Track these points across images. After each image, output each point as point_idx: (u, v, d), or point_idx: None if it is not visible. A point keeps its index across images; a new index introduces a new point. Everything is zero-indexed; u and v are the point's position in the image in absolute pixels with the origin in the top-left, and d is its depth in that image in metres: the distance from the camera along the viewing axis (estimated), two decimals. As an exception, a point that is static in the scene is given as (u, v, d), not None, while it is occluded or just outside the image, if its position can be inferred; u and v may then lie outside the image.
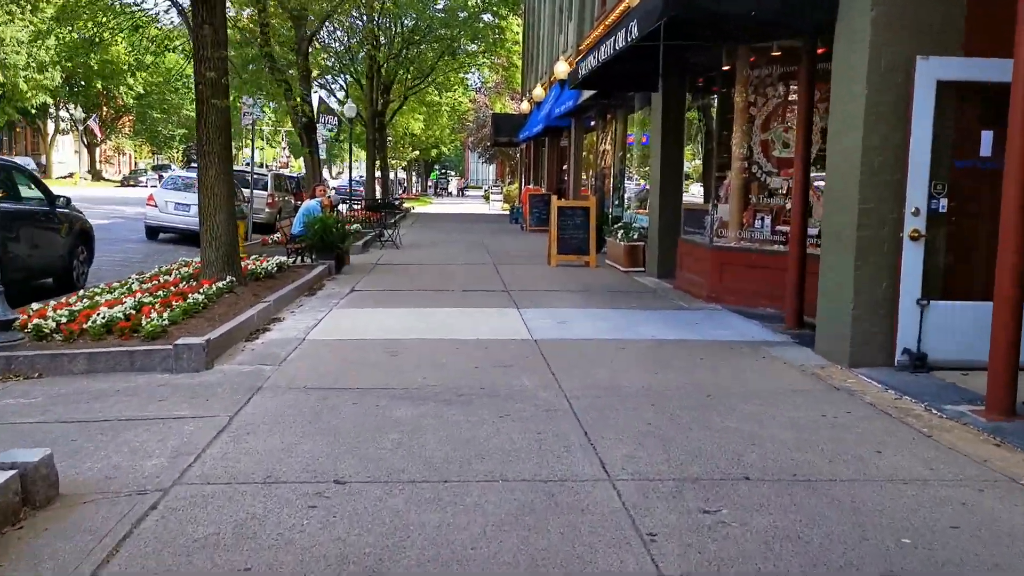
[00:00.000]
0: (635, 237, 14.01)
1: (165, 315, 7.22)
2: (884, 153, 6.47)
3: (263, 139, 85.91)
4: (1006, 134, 5.48)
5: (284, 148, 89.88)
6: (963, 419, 5.31)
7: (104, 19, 12.82)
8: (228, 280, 9.31)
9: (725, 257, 10.11)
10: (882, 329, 6.60)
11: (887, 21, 6.34)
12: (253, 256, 12.78)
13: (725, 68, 10.48)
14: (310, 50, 32.11)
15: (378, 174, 37.16)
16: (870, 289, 6.59)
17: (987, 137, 6.39)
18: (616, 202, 17.54)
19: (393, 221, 19.85)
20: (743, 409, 5.51)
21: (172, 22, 21.36)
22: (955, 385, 6.15)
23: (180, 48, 19.43)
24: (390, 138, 48.16)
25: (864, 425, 5.22)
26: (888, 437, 4.98)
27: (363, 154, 37.46)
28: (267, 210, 22.89)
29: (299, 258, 13.49)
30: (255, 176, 25.23)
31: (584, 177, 22.28)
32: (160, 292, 8.46)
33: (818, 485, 4.17)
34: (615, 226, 15.12)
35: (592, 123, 21.08)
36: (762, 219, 10.01)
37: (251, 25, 18.63)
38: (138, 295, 8.17)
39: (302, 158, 40.28)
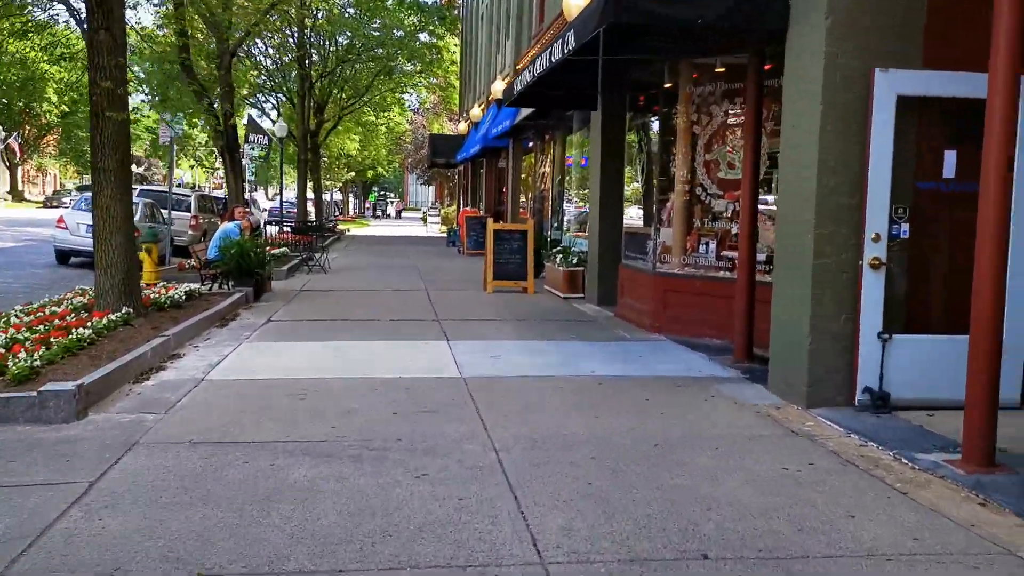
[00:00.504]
0: (574, 262, 13.41)
1: (38, 355, 6.29)
2: (841, 174, 5.94)
3: (195, 159, 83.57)
4: (969, 153, 4.99)
5: (218, 168, 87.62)
6: (939, 471, 4.74)
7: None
8: (124, 311, 8.37)
9: (669, 284, 9.53)
10: (841, 366, 6.04)
11: (843, 30, 5.83)
12: (163, 283, 11.82)
13: (667, 86, 9.96)
14: (241, 66, 31.18)
15: (312, 195, 36.14)
16: (828, 322, 6.03)
17: (950, 157, 5.91)
18: (555, 225, 16.96)
19: (322, 244, 18.92)
20: (695, 462, 4.85)
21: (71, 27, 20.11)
22: (923, 428, 5.60)
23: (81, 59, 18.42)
24: (325, 158, 47.07)
25: (832, 481, 4.60)
26: (860, 496, 4.37)
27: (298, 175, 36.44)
28: (190, 232, 21.72)
29: (215, 285, 12.55)
30: (177, 196, 24.15)
31: (523, 199, 21.71)
32: (42, 326, 7.49)
33: (789, 564, 3.51)
34: (554, 250, 14.52)
35: (530, 144, 20.54)
36: (707, 244, 9.48)
37: (171, 37, 17.64)
38: (13, 330, 7.19)
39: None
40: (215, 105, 16.62)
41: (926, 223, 6.01)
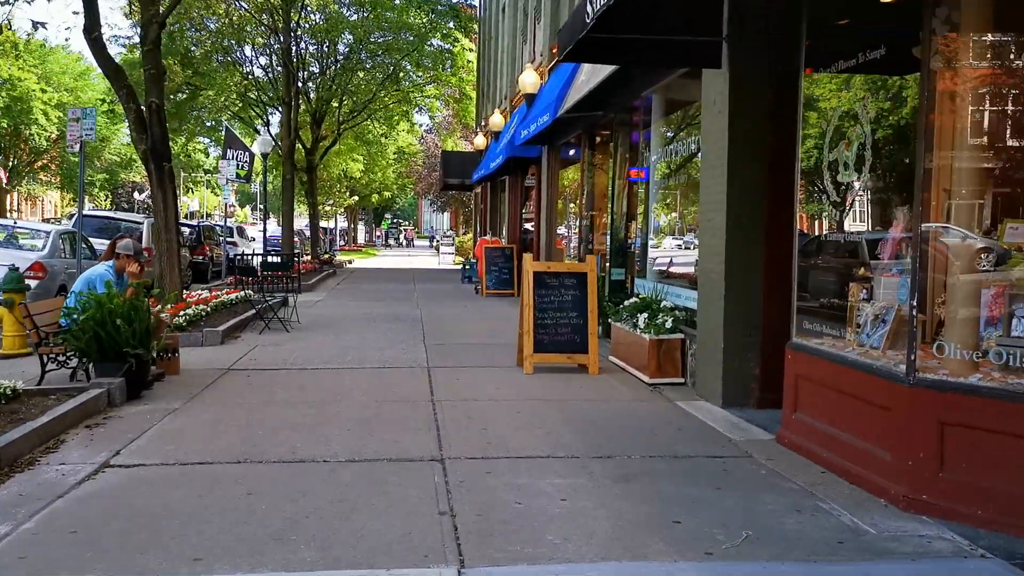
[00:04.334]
0: (668, 325, 8.20)
1: None
2: None
3: (203, 184, 78.05)
4: None
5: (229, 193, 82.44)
6: None
7: None
8: None
9: (955, 411, 4.28)
10: None
11: None
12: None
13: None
14: (222, 70, 26.38)
15: (307, 222, 31.24)
16: None
17: None
18: (619, 262, 11.74)
19: (281, 290, 13.67)
20: None
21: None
22: None
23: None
24: (327, 181, 42.10)
25: None
26: None
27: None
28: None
29: (76, 372, 7.46)
30: (125, 224, 19.17)
31: (562, 226, 16.52)
32: None
33: None
34: (627, 303, 9.29)
35: (573, 152, 15.39)
36: (1030, 318, 4.26)
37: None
38: None
39: (249, 207, 33.94)
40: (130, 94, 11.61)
41: None
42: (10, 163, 59.90)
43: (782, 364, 6.82)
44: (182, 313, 10.87)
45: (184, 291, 15.46)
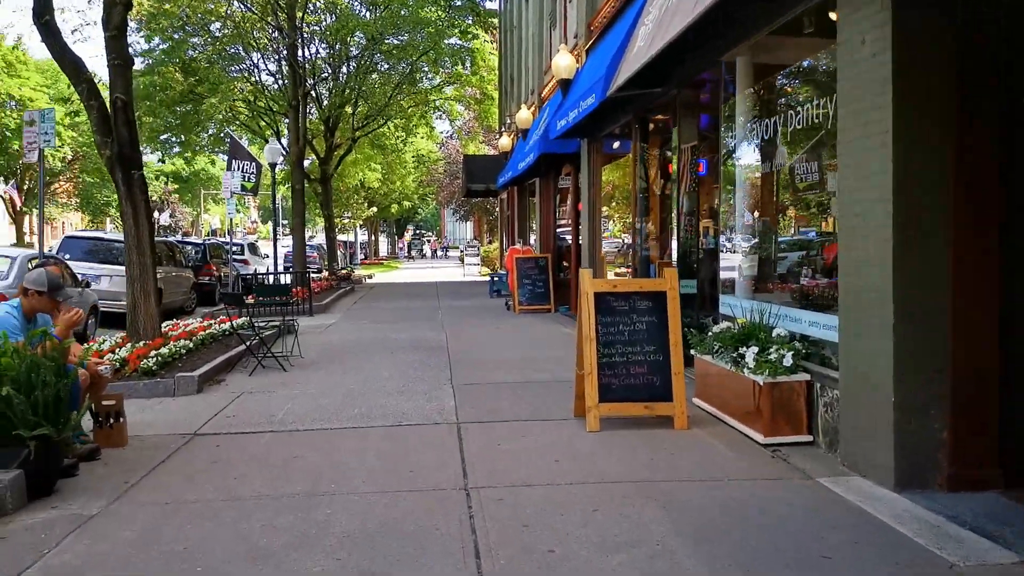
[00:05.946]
0: (787, 363, 5.94)
1: None
2: None
3: (232, 200, 76.44)
4: None
5: (252, 208, 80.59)
6: None
7: None
8: None
9: None
10: None
11: None
12: None
13: None
14: (226, 75, 24.48)
15: (315, 236, 29.22)
16: None
17: None
18: (687, 272, 9.45)
19: (270, 324, 11.27)
20: None
21: None
22: None
23: None
24: (343, 191, 40.09)
25: None
26: None
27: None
28: (133, 294, 14.64)
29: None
30: (119, 244, 17.18)
31: (610, 231, 14.27)
32: None
33: None
34: (717, 331, 7.02)
35: (618, 144, 13.17)
36: None
37: None
38: None
39: (271, 222, 32.15)
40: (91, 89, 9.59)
41: None
42: (25, 185, 58.51)
43: (984, 424, 4.59)
44: (153, 353, 8.78)
45: (184, 316, 13.49)
